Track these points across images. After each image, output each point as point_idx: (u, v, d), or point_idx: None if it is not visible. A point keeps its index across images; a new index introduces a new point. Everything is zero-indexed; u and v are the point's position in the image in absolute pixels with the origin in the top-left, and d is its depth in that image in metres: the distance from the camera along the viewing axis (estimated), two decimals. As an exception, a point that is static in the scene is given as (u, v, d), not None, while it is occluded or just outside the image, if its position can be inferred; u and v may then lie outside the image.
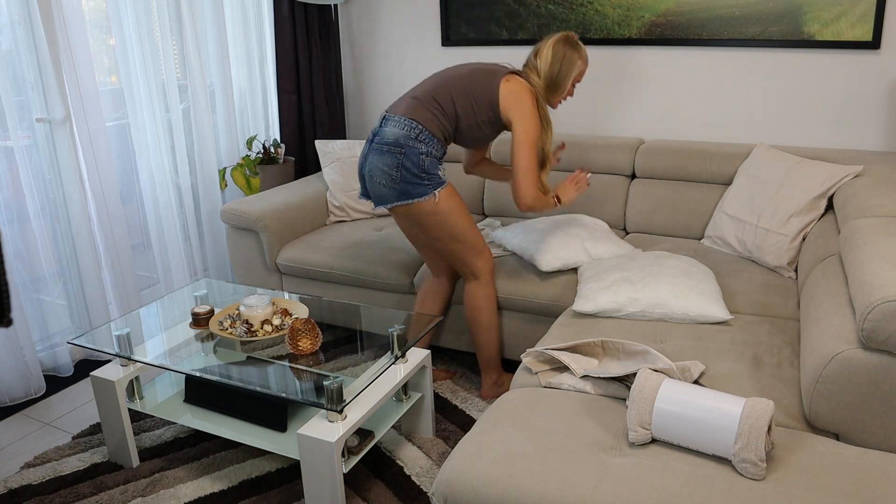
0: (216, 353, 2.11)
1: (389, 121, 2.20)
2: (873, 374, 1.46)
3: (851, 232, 1.88)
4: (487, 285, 2.38)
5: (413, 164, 2.15)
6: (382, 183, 2.19)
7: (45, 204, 2.68)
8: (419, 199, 2.17)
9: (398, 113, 2.20)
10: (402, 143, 2.15)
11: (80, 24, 2.65)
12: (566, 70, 2.25)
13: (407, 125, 2.16)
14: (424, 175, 2.16)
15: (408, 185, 2.16)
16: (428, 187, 2.17)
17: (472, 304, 2.38)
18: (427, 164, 2.16)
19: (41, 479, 2.11)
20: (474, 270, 2.35)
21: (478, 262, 2.34)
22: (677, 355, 1.83)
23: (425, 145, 2.16)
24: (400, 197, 2.18)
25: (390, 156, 2.16)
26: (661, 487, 1.31)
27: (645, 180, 2.91)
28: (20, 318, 2.54)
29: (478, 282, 2.37)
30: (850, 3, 2.61)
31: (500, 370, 2.48)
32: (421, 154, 2.15)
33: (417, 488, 2.01)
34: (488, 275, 2.38)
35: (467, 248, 2.30)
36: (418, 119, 2.17)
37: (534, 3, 3.16)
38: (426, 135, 2.17)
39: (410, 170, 2.15)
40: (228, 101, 3.32)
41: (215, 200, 3.32)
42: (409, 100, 2.22)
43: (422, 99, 2.21)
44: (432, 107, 2.20)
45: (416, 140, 2.15)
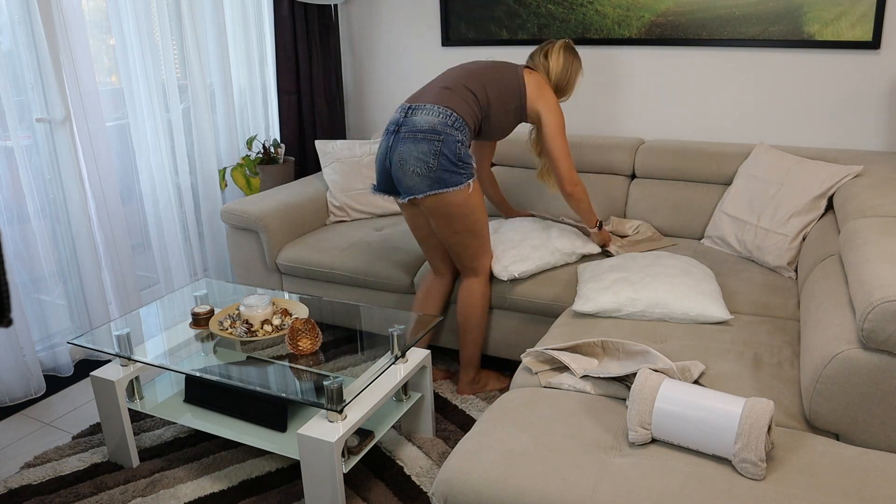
0: (216, 353, 2.11)
1: (419, 110, 2.17)
2: (873, 374, 1.46)
3: (851, 232, 1.88)
4: (485, 284, 2.40)
5: (451, 151, 2.12)
6: (417, 171, 2.13)
7: (45, 204, 2.68)
8: (454, 187, 2.14)
9: (428, 101, 2.18)
10: (440, 131, 2.12)
11: (80, 24, 2.65)
12: (573, 76, 2.41)
13: (442, 112, 2.14)
14: (461, 163, 2.14)
15: (444, 173, 2.13)
16: (463, 176, 2.15)
17: (468, 301, 2.39)
18: (463, 153, 2.15)
19: (41, 479, 2.11)
20: (477, 267, 2.36)
21: (484, 260, 2.36)
22: (677, 355, 1.83)
23: (461, 133, 2.15)
24: (433, 186, 2.14)
25: (427, 143, 2.12)
26: (661, 487, 1.31)
27: (645, 180, 2.91)
28: (20, 318, 2.54)
29: (477, 279, 2.38)
30: (850, 3, 2.61)
31: (478, 368, 2.50)
32: (457, 142, 2.13)
33: (417, 488, 2.01)
34: (487, 273, 2.40)
35: (481, 243, 2.31)
36: (452, 107, 2.16)
37: (534, 3, 3.16)
38: (461, 122, 2.16)
39: (448, 157, 2.12)
40: (228, 101, 3.32)
41: (215, 200, 3.32)
42: (439, 89, 2.21)
43: (453, 88, 2.21)
44: (465, 95, 2.20)
45: (452, 127, 2.13)
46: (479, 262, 2.35)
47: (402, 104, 2.25)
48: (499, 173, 3.16)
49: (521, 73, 2.29)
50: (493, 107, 2.25)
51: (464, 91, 2.21)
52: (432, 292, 2.50)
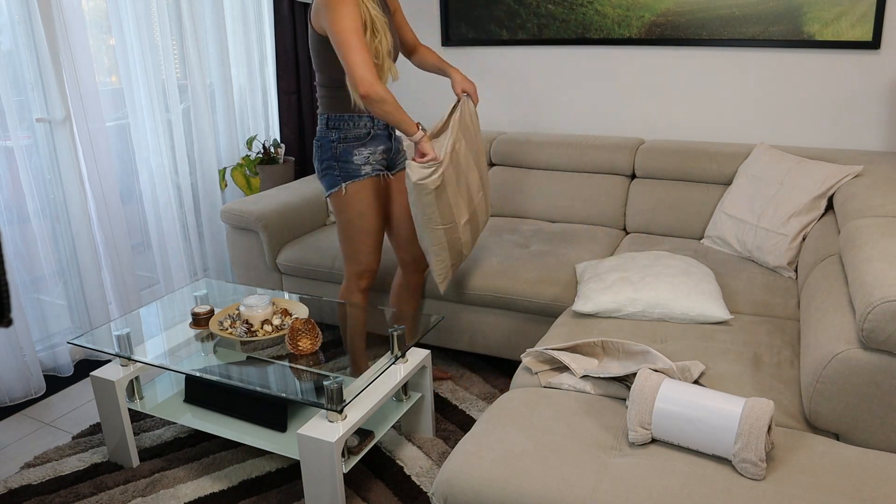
0: (216, 353, 2.11)
1: None
2: (873, 374, 1.46)
3: (851, 232, 1.88)
4: (350, 292, 2.37)
5: (326, 154, 2.19)
6: (318, 177, 2.26)
7: (45, 204, 2.68)
8: (333, 189, 2.21)
9: None
10: (319, 137, 2.21)
11: (80, 24, 2.65)
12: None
13: (320, 119, 2.21)
14: (336, 164, 2.18)
15: (324, 179, 2.22)
16: (338, 178, 2.19)
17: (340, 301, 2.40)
18: (339, 151, 2.17)
19: (41, 479, 2.11)
20: (345, 272, 2.36)
21: (349, 267, 2.33)
22: (677, 355, 1.83)
23: (336, 132, 2.17)
24: (325, 189, 2.24)
25: (315, 150, 2.23)
26: (661, 487, 1.31)
27: (645, 180, 2.91)
28: (20, 318, 2.54)
29: (344, 283, 2.38)
30: (850, 3, 2.61)
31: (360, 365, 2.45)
32: (332, 142, 2.18)
33: (417, 488, 2.01)
34: (354, 284, 2.35)
35: (346, 245, 2.29)
36: (321, 109, 2.21)
37: (534, 3, 3.16)
38: (335, 119, 2.17)
39: (324, 160, 2.20)
40: (228, 101, 3.32)
41: (215, 200, 3.32)
42: None
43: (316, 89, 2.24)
44: (317, 92, 2.22)
45: (328, 129, 2.18)
46: (345, 266, 2.35)
47: None
48: (498, 173, 3.16)
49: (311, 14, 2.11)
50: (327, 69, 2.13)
51: (317, 91, 2.23)
52: (399, 288, 2.52)
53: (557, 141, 3.06)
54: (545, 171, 3.09)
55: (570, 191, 3.01)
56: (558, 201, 3.03)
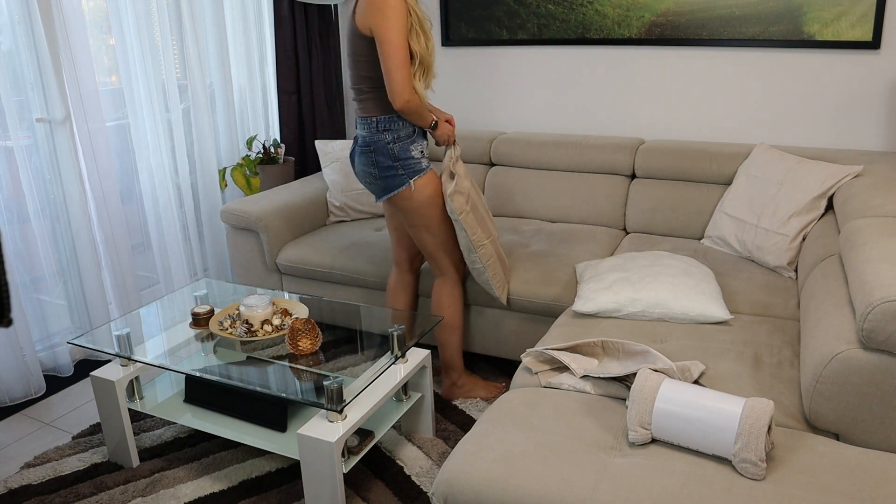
0: (216, 353, 2.11)
1: (358, 124, 2.25)
2: (873, 374, 1.46)
3: (851, 232, 1.88)
4: (454, 284, 2.38)
5: (384, 155, 2.18)
6: (367, 182, 2.26)
7: (45, 204, 2.68)
8: (398, 189, 2.19)
9: (358, 115, 2.25)
10: (370, 141, 2.19)
11: (80, 24, 2.65)
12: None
13: (366, 124, 2.20)
14: (398, 164, 2.18)
15: (386, 180, 2.20)
16: (403, 177, 2.18)
17: (436, 302, 2.39)
18: (397, 151, 2.17)
19: (41, 479, 2.11)
20: (442, 266, 2.35)
21: (445, 259, 2.34)
22: (677, 355, 1.83)
23: (389, 133, 2.17)
24: (383, 192, 2.23)
25: (365, 156, 2.21)
26: (661, 487, 1.31)
27: (645, 180, 2.91)
28: (20, 318, 2.54)
29: (443, 279, 2.37)
30: (850, 3, 2.61)
31: (461, 371, 2.48)
32: (387, 144, 2.17)
33: (417, 488, 2.01)
34: (455, 274, 2.38)
35: (438, 240, 2.29)
36: (369, 112, 2.19)
37: (534, 3, 3.16)
38: (385, 121, 2.17)
39: (382, 163, 2.18)
40: (228, 101, 3.32)
41: (215, 200, 3.32)
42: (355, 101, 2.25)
43: (357, 91, 2.21)
44: (360, 94, 2.20)
45: (379, 132, 2.17)
46: (441, 262, 2.34)
47: None
48: (498, 173, 3.16)
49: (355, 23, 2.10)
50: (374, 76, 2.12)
51: (362, 90, 2.18)
52: (397, 287, 2.54)
53: (557, 141, 3.06)
54: (545, 171, 3.09)
55: (570, 191, 3.01)
56: (558, 201, 3.03)
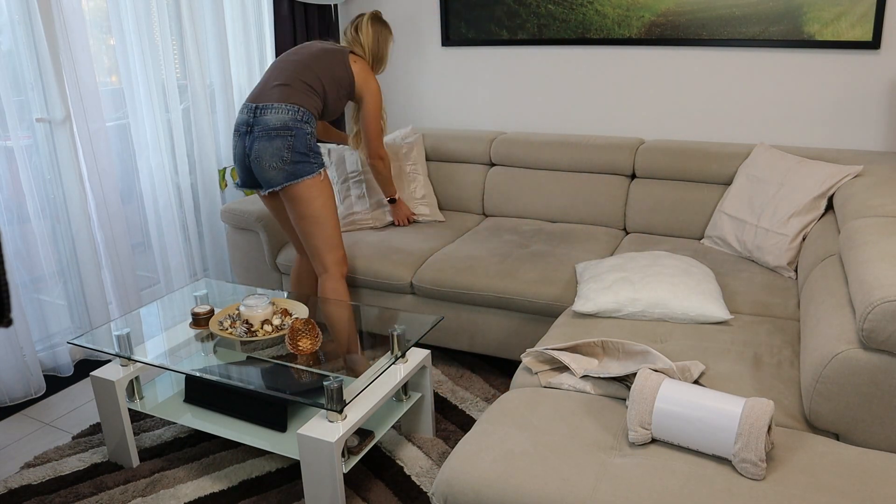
0: (216, 353, 2.11)
1: (268, 109, 2.34)
2: (873, 374, 1.46)
3: (851, 232, 1.88)
4: (336, 280, 2.47)
5: (302, 144, 2.32)
6: (273, 166, 2.32)
7: (45, 204, 2.68)
8: (307, 176, 2.33)
9: (274, 101, 2.34)
10: (291, 126, 2.31)
11: (80, 24, 2.65)
12: (384, 45, 2.67)
13: (290, 109, 2.32)
14: (312, 153, 2.35)
15: (297, 165, 2.31)
16: (315, 165, 2.35)
17: (322, 297, 2.47)
18: (312, 143, 2.36)
19: (41, 479, 2.11)
20: (325, 263, 2.45)
21: (329, 255, 2.44)
22: (677, 355, 1.83)
23: (310, 126, 2.36)
24: (289, 178, 2.32)
25: (280, 139, 2.30)
26: (661, 487, 1.31)
27: (645, 180, 2.91)
28: (20, 318, 2.54)
29: (326, 275, 2.46)
30: (850, 3, 2.61)
31: None
32: (307, 134, 2.34)
33: (417, 488, 2.01)
34: (338, 270, 2.47)
35: (326, 233, 2.41)
36: (298, 103, 2.35)
37: (534, 3, 3.16)
38: (308, 115, 2.36)
39: (299, 150, 2.31)
40: (228, 101, 3.32)
41: (215, 200, 3.32)
42: (279, 88, 2.37)
43: (293, 84, 2.38)
44: (305, 89, 2.38)
45: (302, 122, 2.33)
46: (324, 258, 2.44)
47: (247, 104, 2.40)
48: (498, 173, 3.16)
49: (348, 62, 2.52)
50: (328, 96, 2.46)
51: (303, 86, 2.39)
52: (301, 271, 2.70)
53: (557, 141, 3.06)
54: (545, 171, 3.09)
55: (570, 191, 3.01)
56: (558, 201, 3.03)
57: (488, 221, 3.10)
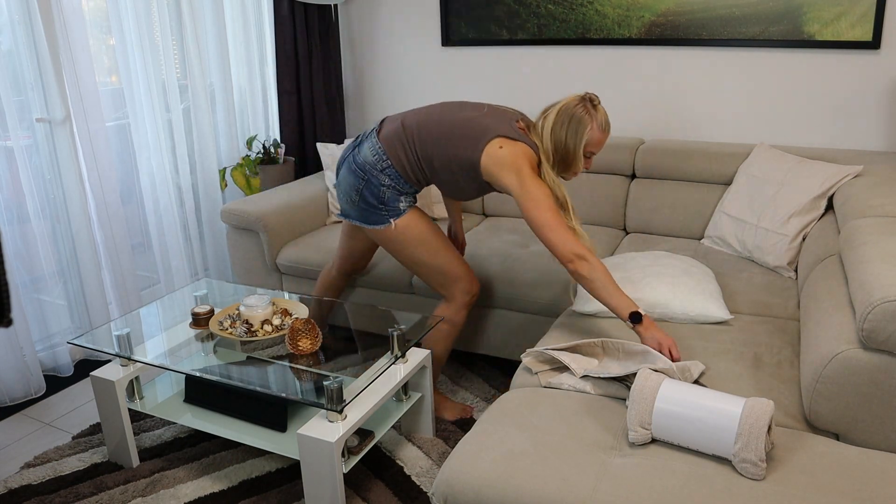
0: (216, 353, 2.11)
1: (369, 139, 2.12)
2: (873, 374, 1.46)
3: (851, 232, 1.88)
4: (455, 311, 2.23)
5: (372, 194, 2.10)
6: (343, 199, 2.19)
7: (45, 204, 2.68)
8: (374, 226, 2.14)
9: (380, 133, 2.11)
10: (367, 171, 2.09)
11: (80, 24, 2.65)
12: (572, 136, 1.94)
13: (378, 154, 2.08)
14: (382, 206, 2.11)
15: (364, 211, 2.14)
16: (385, 216, 2.12)
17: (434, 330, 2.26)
18: (388, 196, 2.10)
19: (41, 479, 2.11)
20: (445, 294, 2.24)
21: (448, 288, 2.22)
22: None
23: (390, 179, 2.08)
24: (358, 218, 2.17)
25: (354, 177, 2.12)
26: (661, 487, 1.31)
27: (645, 180, 2.91)
28: (20, 318, 2.54)
29: (447, 305, 2.24)
30: (850, 3, 2.61)
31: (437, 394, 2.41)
32: (382, 186, 2.09)
33: (417, 488, 2.01)
34: (460, 301, 2.22)
35: (433, 274, 2.20)
36: (389, 154, 2.07)
37: (534, 3, 3.16)
38: (393, 171, 2.08)
39: (368, 199, 2.11)
40: (228, 101, 3.32)
41: (215, 200, 3.32)
42: (397, 125, 2.10)
43: (407, 130, 2.07)
44: (409, 145, 2.06)
45: (382, 173, 2.08)
46: (443, 290, 2.24)
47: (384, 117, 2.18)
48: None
49: (483, 145, 1.96)
50: (438, 171, 2.07)
51: (411, 140, 2.06)
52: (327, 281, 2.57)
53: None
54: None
55: (570, 191, 3.01)
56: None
57: (488, 221, 3.10)
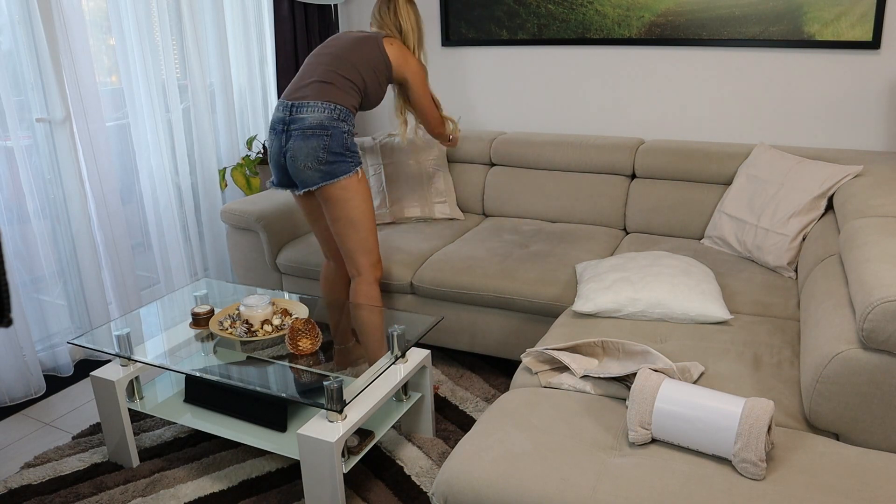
0: (216, 353, 2.11)
1: (304, 107, 2.27)
2: (873, 374, 1.46)
3: (851, 232, 1.88)
4: (369, 284, 2.41)
5: (338, 143, 2.25)
6: (308, 165, 2.26)
7: (45, 204, 2.68)
8: (343, 176, 2.26)
9: (311, 98, 2.27)
10: (327, 125, 2.24)
11: (80, 24, 2.65)
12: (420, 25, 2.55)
13: (327, 108, 2.25)
14: (348, 153, 2.28)
15: (333, 165, 2.25)
16: (351, 164, 2.28)
17: (353, 302, 2.41)
18: (349, 142, 2.29)
19: (41, 479, 2.11)
20: (359, 265, 2.39)
21: (364, 258, 2.38)
22: (677, 355, 1.83)
23: (346, 124, 2.28)
24: (325, 177, 2.26)
25: (315, 139, 2.24)
26: (661, 487, 1.31)
27: (645, 180, 2.91)
28: (20, 318, 2.54)
29: (360, 279, 2.40)
30: (850, 3, 2.61)
31: None
32: (344, 133, 2.27)
33: (417, 488, 2.01)
34: (371, 274, 2.41)
35: (361, 236, 2.34)
36: (335, 100, 2.27)
37: (534, 3, 3.16)
38: (346, 112, 2.29)
39: (335, 149, 2.25)
40: (228, 101, 3.32)
41: (215, 200, 3.32)
42: (316, 84, 2.30)
43: (330, 80, 2.30)
44: (343, 84, 2.31)
45: (339, 120, 2.26)
46: (359, 260, 2.38)
47: (282, 101, 2.34)
48: (498, 173, 3.16)
49: (382, 45, 2.40)
50: (368, 86, 2.38)
51: (341, 80, 2.31)
52: (329, 276, 2.63)
53: (557, 141, 3.06)
54: (545, 171, 3.09)
55: (570, 191, 3.01)
56: (558, 201, 3.03)
57: (488, 221, 3.11)
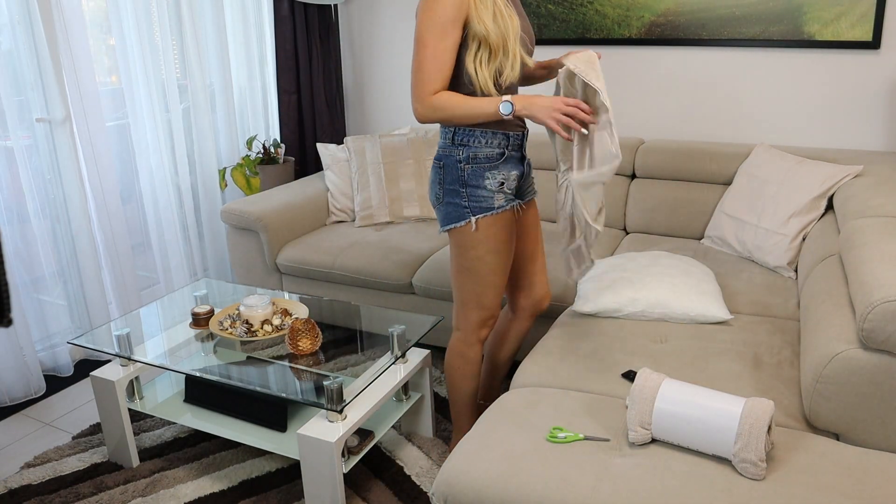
0: (216, 353, 2.11)
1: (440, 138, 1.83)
2: (873, 374, 1.46)
3: (851, 232, 1.88)
4: (467, 345, 1.95)
5: (452, 177, 1.77)
6: (433, 204, 1.86)
7: (45, 204, 2.68)
8: (455, 224, 1.79)
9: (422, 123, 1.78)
10: (440, 155, 1.79)
11: (80, 24, 2.65)
12: None
13: (441, 132, 1.80)
14: (464, 191, 1.76)
15: (447, 206, 1.80)
16: (466, 210, 1.76)
17: (447, 359, 2.02)
18: (468, 175, 1.75)
19: (41, 479, 2.11)
20: (459, 319, 1.94)
21: (467, 313, 1.91)
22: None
23: (464, 148, 1.74)
24: (442, 222, 1.83)
25: (434, 171, 1.82)
26: (661, 487, 1.31)
27: (645, 180, 2.91)
28: (20, 318, 2.54)
29: (458, 334, 1.96)
30: (850, 3, 2.61)
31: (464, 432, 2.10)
32: (458, 162, 1.75)
33: (417, 488, 2.01)
34: (473, 334, 1.94)
35: (472, 289, 1.86)
36: None
37: (534, 3, 3.16)
38: (461, 133, 1.74)
39: (449, 185, 1.78)
40: (228, 101, 3.32)
41: (215, 200, 3.32)
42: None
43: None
44: None
45: (452, 145, 1.76)
46: (461, 313, 1.92)
47: None
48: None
49: None
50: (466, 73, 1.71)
51: None
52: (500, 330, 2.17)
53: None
54: (545, 172, 3.09)
55: (570, 191, 3.01)
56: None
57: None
